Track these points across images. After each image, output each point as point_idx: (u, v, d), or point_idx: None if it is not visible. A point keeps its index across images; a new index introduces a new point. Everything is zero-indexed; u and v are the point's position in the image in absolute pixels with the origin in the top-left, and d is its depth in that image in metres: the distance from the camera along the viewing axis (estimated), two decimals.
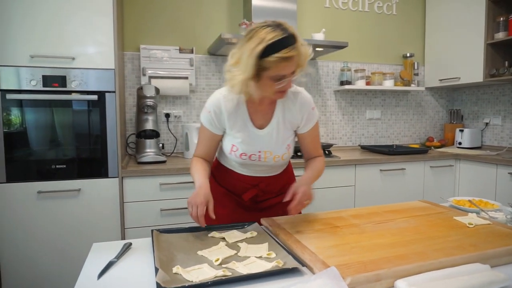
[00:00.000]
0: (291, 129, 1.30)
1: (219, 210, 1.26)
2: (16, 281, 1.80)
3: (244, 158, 1.28)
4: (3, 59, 1.73)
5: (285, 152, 1.30)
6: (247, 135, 1.25)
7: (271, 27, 1.04)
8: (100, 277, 0.87)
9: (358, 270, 0.84)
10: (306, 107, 1.26)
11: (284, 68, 1.05)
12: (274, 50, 1.01)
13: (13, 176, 1.77)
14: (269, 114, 1.26)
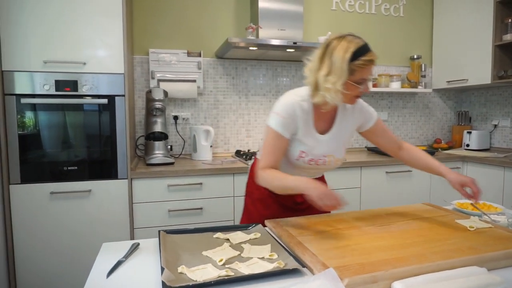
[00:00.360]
0: (351, 132, 1.39)
1: (262, 211, 1.36)
2: (30, 277, 1.87)
3: (312, 164, 1.33)
4: (18, 65, 1.79)
5: (343, 155, 1.40)
6: (313, 140, 1.30)
7: (350, 37, 1.17)
8: (109, 275, 0.91)
9: (356, 272, 0.87)
10: (363, 108, 1.38)
11: (367, 71, 1.17)
12: (361, 54, 1.13)
13: (27, 177, 1.84)
14: (330, 120, 1.33)
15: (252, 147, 2.80)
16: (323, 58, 1.18)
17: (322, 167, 1.38)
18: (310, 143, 1.30)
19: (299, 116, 1.25)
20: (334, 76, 1.14)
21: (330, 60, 1.15)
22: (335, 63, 1.14)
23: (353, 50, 1.13)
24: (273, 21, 2.50)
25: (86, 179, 1.91)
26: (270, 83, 2.82)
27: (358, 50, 1.13)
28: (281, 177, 1.23)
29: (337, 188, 2.36)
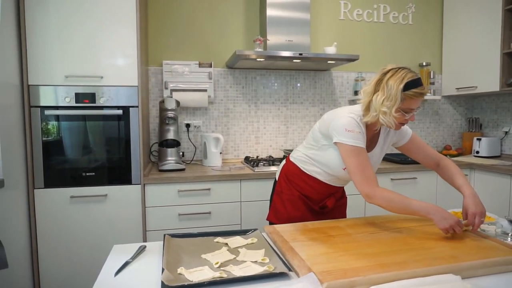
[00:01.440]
0: (387, 149, 1.53)
1: (292, 212, 1.51)
2: (52, 273, 2.03)
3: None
4: (42, 80, 1.96)
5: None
6: None
7: (406, 69, 1.31)
8: (117, 274, 1.03)
9: (338, 277, 0.95)
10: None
11: (415, 102, 1.30)
12: (414, 85, 1.26)
13: (50, 182, 2.00)
14: (374, 139, 1.47)
15: (261, 154, 2.90)
16: (379, 83, 1.31)
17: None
18: None
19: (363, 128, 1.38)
20: (390, 102, 1.27)
21: (386, 87, 1.28)
22: (391, 90, 1.27)
23: (407, 81, 1.26)
24: (281, 29, 2.58)
25: (103, 184, 2.06)
26: (279, 91, 2.91)
27: (411, 82, 1.26)
28: (403, 198, 1.33)
29: None
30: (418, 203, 1.30)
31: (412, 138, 1.54)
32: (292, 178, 1.59)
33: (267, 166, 2.42)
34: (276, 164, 2.49)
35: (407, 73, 1.29)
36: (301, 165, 1.57)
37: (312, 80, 2.98)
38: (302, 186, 1.55)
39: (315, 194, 1.57)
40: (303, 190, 1.56)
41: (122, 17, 2.02)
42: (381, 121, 1.31)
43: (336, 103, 3.04)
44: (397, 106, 1.28)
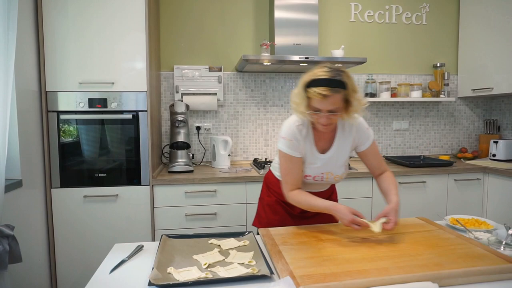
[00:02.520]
0: (349, 151, 1.48)
1: (271, 216, 1.54)
2: (68, 266, 2.16)
3: (309, 179, 1.48)
4: (60, 86, 2.09)
5: (343, 172, 1.51)
6: (312, 159, 1.44)
7: (328, 69, 1.26)
8: (112, 272, 1.11)
9: (316, 281, 0.98)
10: (361, 129, 1.46)
11: (318, 102, 1.24)
12: (315, 84, 1.22)
13: (65, 182, 2.13)
14: (330, 140, 1.44)
15: (269, 156, 2.94)
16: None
17: (322, 182, 1.50)
18: (310, 160, 1.43)
19: (300, 137, 1.39)
20: (297, 98, 1.29)
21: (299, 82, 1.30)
22: (298, 86, 1.28)
23: (311, 79, 1.24)
24: (289, 31, 2.61)
25: (114, 184, 2.17)
26: (288, 94, 2.94)
27: (315, 80, 1.23)
28: (309, 199, 1.40)
29: (349, 198, 2.43)
30: (322, 203, 1.37)
31: (372, 146, 1.49)
32: (271, 185, 1.64)
33: None
34: None
35: (320, 70, 1.25)
36: (276, 173, 1.61)
37: None
38: (279, 193, 1.56)
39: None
40: (280, 196, 1.57)
41: (132, 26, 2.12)
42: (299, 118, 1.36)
43: None
44: (306, 104, 1.27)
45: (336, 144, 1.44)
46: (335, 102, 1.25)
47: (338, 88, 1.23)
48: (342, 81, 1.23)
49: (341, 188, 2.40)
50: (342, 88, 1.24)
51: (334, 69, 1.26)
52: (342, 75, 1.25)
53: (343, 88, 1.24)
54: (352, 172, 2.43)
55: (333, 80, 1.22)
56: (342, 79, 1.24)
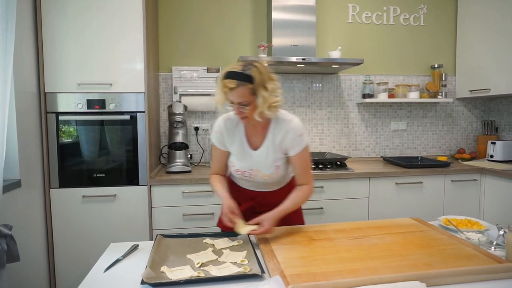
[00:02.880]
0: (280, 152, 1.45)
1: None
2: (66, 265, 2.18)
3: (238, 174, 1.50)
4: (58, 87, 2.11)
5: (273, 172, 1.46)
6: (242, 154, 1.46)
7: (242, 63, 1.31)
8: (106, 270, 1.13)
9: (306, 280, 1.00)
10: (293, 133, 1.40)
11: (228, 94, 1.29)
12: (225, 77, 1.28)
13: (64, 183, 2.15)
14: (262, 137, 1.44)
15: None
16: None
17: (250, 179, 1.51)
18: (239, 155, 1.47)
19: (225, 131, 1.46)
20: (217, 90, 1.33)
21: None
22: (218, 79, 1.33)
23: (224, 71, 1.29)
24: (286, 32, 2.63)
25: (112, 185, 2.19)
26: (286, 95, 2.96)
27: (225, 73, 1.28)
28: (216, 187, 1.50)
29: (345, 198, 2.44)
30: (220, 192, 1.46)
31: (300, 154, 1.43)
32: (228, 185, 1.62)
33: None
34: None
35: (235, 65, 1.30)
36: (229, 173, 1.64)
37: (320, 83, 3.00)
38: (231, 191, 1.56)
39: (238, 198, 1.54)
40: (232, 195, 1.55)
41: (130, 28, 2.14)
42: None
43: (344, 106, 3.05)
44: (222, 96, 1.31)
45: (266, 142, 1.43)
46: (242, 95, 1.28)
47: (244, 82, 1.26)
48: (249, 75, 1.26)
49: (337, 189, 2.42)
50: (248, 81, 1.26)
51: (248, 64, 1.30)
52: (252, 70, 1.27)
53: (249, 82, 1.26)
54: (349, 172, 2.44)
55: (240, 73, 1.26)
56: (250, 73, 1.26)
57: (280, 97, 1.36)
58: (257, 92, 1.28)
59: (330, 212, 2.43)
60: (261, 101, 1.29)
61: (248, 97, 1.28)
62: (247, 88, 1.27)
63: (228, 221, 1.35)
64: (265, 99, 1.29)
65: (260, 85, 1.28)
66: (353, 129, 3.08)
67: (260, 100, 1.29)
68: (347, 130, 3.07)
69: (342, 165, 2.60)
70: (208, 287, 1.01)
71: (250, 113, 1.33)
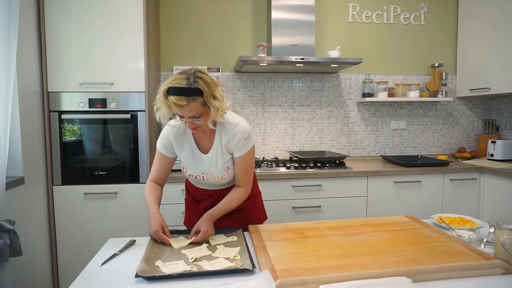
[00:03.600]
0: (229, 154, 1.46)
1: (188, 215, 1.57)
2: (68, 259, 2.23)
3: (192, 178, 1.52)
4: (61, 87, 2.16)
5: (224, 174, 1.48)
6: (192, 158, 1.47)
7: (183, 74, 1.25)
8: (103, 264, 1.16)
9: (295, 275, 1.03)
10: (239, 136, 1.41)
11: (178, 110, 1.26)
12: (172, 93, 1.22)
13: (66, 180, 2.20)
14: (210, 140, 1.45)
15: (267, 155, 2.99)
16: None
17: (204, 183, 1.53)
18: (189, 159, 1.47)
19: (172, 137, 1.45)
20: (160, 103, 1.28)
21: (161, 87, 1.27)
22: (159, 92, 1.27)
23: (168, 86, 1.23)
24: (286, 32, 2.64)
25: (114, 182, 2.24)
26: (286, 94, 2.98)
27: (171, 88, 1.22)
28: (148, 197, 1.47)
29: (343, 197, 2.46)
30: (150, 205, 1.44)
31: (243, 157, 1.44)
32: (187, 186, 1.69)
33: (269, 168, 2.51)
34: (279, 165, 2.57)
35: (176, 78, 1.24)
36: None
37: (320, 82, 3.02)
38: (191, 191, 1.65)
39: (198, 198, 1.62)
40: (192, 194, 1.65)
41: (131, 28, 2.18)
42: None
43: (344, 105, 3.06)
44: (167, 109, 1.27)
45: (215, 145, 1.44)
46: (194, 109, 1.25)
47: (195, 96, 1.23)
48: (198, 88, 1.23)
49: (336, 187, 2.45)
50: (199, 95, 1.23)
51: (192, 75, 1.25)
52: (199, 82, 1.23)
53: (199, 96, 1.23)
54: (347, 171, 2.46)
55: (187, 89, 1.22)
56: (198, 86, 1.23)
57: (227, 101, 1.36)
58: (208, 103, 1.26)
59: (328, 210, 2.45)
60: (214, 111, 1.28)
61: (200, 109, 1.26)
62: (198, 102, 1.24)
63: (159, 239, 1.30)
64: (217, 108, 1.28)
65: (210, 96, 1.26)
66: (353, 128, 3.09)
67: (213, 110, 1.27)
68: (347, 129, 3.08)
69: (340, 163, 2.62)
70: (200, 281, 1.05)
71: (203, 123, 1.32)
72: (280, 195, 2.40)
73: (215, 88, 1.29)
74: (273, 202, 2.38)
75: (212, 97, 1.27)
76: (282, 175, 2.40)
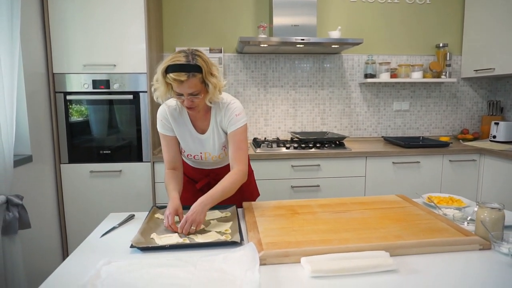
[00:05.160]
0: (224, 133, 1.51)
1: (183, 193, 1.57)
2: (76, 234, 2.35)
3: (190, 158, 1.57)
4: (67, 68, 2.23)
5: (221, 153, 1.54)
6: (190, 139, 1.51)
7: (182, 53, 1.29)
8: (102, 236, 1.25)
9: (280, 247, 1.09)
10: (231, 112, 1.45)
11: (177, 87, 1.28)
12: (172, 70, 1.25)
13: (73, 158, 2.30)
14: (207, 120, 1.49)
15: (269, 135, 3.03)
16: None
17: (202, 162, 1.58)
18: (187, 140, 1.51)
19: (170, 117, 1.47)
20: (158, 83, 1.31)
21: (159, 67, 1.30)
22: (157, 72, 1.30)
23: (168, 64, 1.25)
24: (287, 12, 2.63)
25: (118, 161, 2.32)
26: (288, 75, 2.99)
27: (171, 66, 1.25)
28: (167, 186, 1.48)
29: (341, 177, 2.51)
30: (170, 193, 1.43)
31: (234, 132, 1.46)
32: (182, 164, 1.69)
33: (269, 148, 2.56)
34: (280, 145, 2.61)
35: (175, 56, 1.27)
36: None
37: (322, 63, 3.02)
38: (186, 171, 1.67)
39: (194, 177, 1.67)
40: (188, 174, 1.68)
41: (132, 10, 2.21)
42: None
43: (346, 86, 3.06)
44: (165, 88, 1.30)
45: (212, 125, 1.48)
46: (193, 86, 1.28)
47: (194, 72, 1.26)
48: (197, 65, 1.26)
49: (334, 167, 2.49)
50: (198, 72, 1.27)
51: (190, 53, 1.29)
52: (198, 59, 1.28)
53: (198, 72, 1.27)
54: (346, 151, 2.50)
55: (187, 65, 1.25)
56: (197, 63, 1.27)
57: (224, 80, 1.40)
58: (206, 80, 1.30)
59: (326, 189, 2.50)
60: (212, 88, 1.32)
61: (199, 86, 1.30)
62: (197, 78, 1.28)
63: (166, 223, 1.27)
64: (215, 85, 1.33)
65: (208, 73, 1.30)
66: (354, 109, 3.10)
67: (211, 86, 1.32)
68: (348, 110, 3.09)
69: (340, 144, 2.65)
70: (191, 252, 1.12)
71: (201, 101, 1.35)
72: (279, 174, 2.46)
73: (212, 66, 1.34)
74: (273, 181, 2.44)
75: (210, 74, 1.32)
76: (281, 155, 2.45)
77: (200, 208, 1.28)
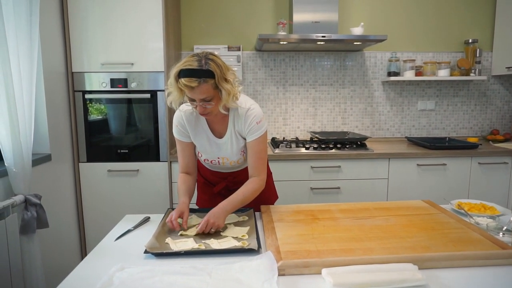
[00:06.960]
0: (242, 139, 1.45)
1: (201, 195, 1.57)
2: (94, 231, 2.36)
3: (207, 162, 1.52)
4: (84, 67, 2.23)
5: (239, 158, 1.48)
6: (208, 143, 1.46)
7: (195, 56, 1.23)
8: (117, 239, 1.22)
9: (299, 257, 1.03)
10: (251, 119, 1.39)
11: (189, 92, 1.23)
12: (183, 75, 1.20)
13: (91, 157, 2.30)
14: (224, 125, 1.43)
15: (288, 135, 2.96)
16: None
17: (220, 167, 1.53)
18: (204, 144, 1.46)
19: (186, 122, 1.42)
20: (171, 88, 1.26)
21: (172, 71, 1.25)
22: (170, 76, 1.25)
23: (180, 69, 1.20)
24: (308, 8, 2.56)
25: (135, 160, 2.31)
26: (308, 73, 2.91)
27: (182, 70, 1.20)
28: (178, 189, 1.47)
29: (364, 179, 2.42)
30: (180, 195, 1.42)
31: (255, 142, 1.41)
32: (199, 168, 1.65)
33: (288, 148, 2.49)
34: (299, 146, 2.55)
35: (187, 60, 1.21)
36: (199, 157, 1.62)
37: (343, 61, 2.92)
38: (204, 174, 1.63)
39: (212, 180, 1.62)
40: (205, 176, 1.63)
41: (150, 9, 2.19)
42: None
43: (368, 84, 2.96)
44: (178, 93, 1.25)
45: (229, 129, 1.42)
46: (204, 92, 1.22)
47: (206, 78, 1.20)
48: (209, 70, 1.20)
49: (356, 169, 2.40)
50: (210, 77, 1.20)
51: (203, 57, 1.22)
52: (210, 64, 1.21)
53: (210, 77, 1.21)
54: (368, 152, 2.40)
55: (199, 70, 1.19)
56: (209, 68, 1.20)
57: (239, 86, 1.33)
58: (219, 86, 1.24)
59: (347, 192, 2.42)
60: (225, 94, 1.26)
61: (212, 92, 1.24)
62: (210, 84, 1.22)
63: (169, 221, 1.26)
64: (229, 91, 1.26)
65: (221, 78, 1.23)
66: (377, 108, 2.99)
67: (224, 93, 1.25)
68: (371, 109, 2.99)
69: (362, 145, 2.56)
70: (206, 258, 1.08)
71: (214, 108, 1.30)
72: (298, 175, 2.39)
73: (226, 71, 1.27)
74: (291, 183, 2.38)
75: (224, 80, 1.25)
76: (300, 155, 2.39)
77: (221, 212, 1.28)
